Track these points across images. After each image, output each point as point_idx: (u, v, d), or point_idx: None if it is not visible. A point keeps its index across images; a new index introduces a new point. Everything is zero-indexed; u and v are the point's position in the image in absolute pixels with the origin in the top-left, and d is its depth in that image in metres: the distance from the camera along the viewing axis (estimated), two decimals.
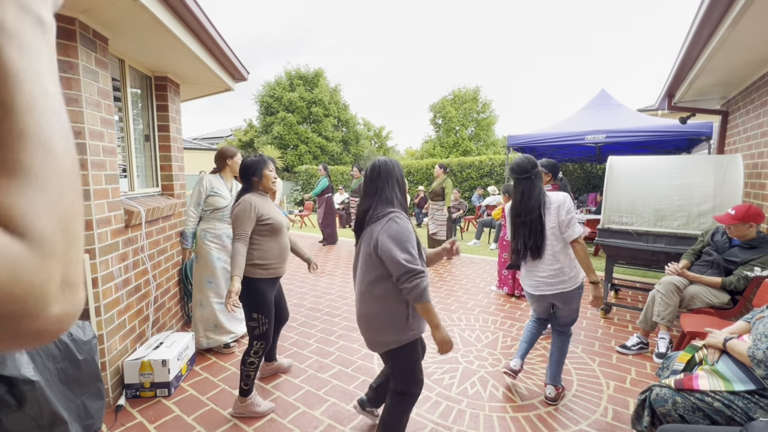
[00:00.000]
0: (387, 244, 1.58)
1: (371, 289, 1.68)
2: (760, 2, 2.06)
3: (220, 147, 3.27)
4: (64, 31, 2.07)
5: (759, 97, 3.43)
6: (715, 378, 1.65)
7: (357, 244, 1.78)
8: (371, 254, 1.65)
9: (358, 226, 1.75)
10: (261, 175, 2.30)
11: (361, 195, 1.79)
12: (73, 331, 1.94)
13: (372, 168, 1.75)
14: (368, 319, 1.72)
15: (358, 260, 1.76)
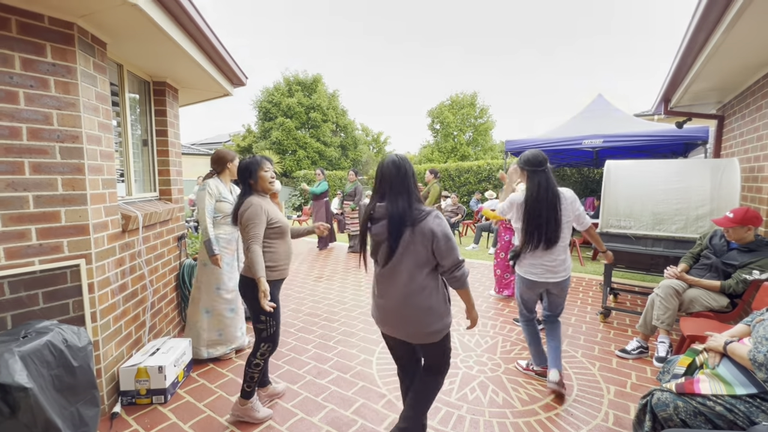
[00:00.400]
0: (443, 239, 1.68)
1: (423, 285, 1.73)
2: (754, 8, 2.08)
3: (219, 148, 3.19)
4: (62, 36, 2.07)
5: (754, 101, 3.46)
6: (716, 382, 1.64)
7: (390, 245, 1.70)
8: (427, 251, 1.69)
9: (396, 228, 1.67)
10: (256, 177, 2.27)
11: (387, 194, 1.72)
12: (68, 337, 1.91)
13: (396, 166, 1.73)
14: (419, 314, 1.74)
15: (393, 261, 1.72)
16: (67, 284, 2.14)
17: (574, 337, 3.42)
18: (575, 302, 4.39)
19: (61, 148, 2.09)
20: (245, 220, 2.13)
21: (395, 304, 1.77)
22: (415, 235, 1.67)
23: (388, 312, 1.81)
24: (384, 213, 1.72)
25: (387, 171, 1.73)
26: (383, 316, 1.85)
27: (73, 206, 2.14)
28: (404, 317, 1.77)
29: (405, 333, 1.80)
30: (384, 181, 1.74)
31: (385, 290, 1.80)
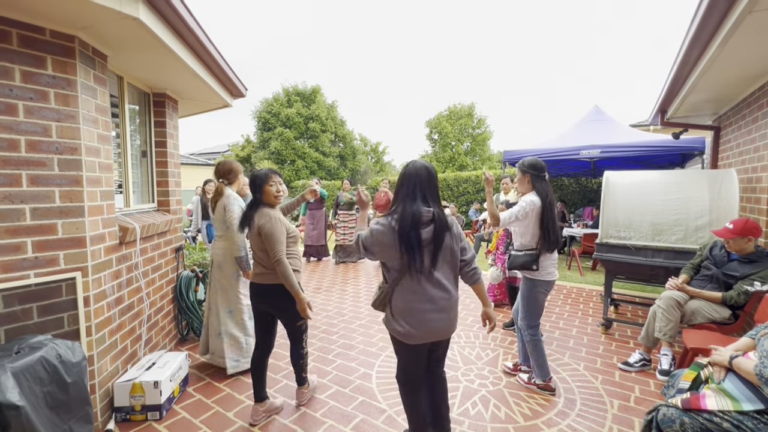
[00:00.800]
0: (465, 241, 1.92)
1: (455, 280, 1.90)
2: (747, 24, 2.11)
3: (228, 159, 3.14)
4: (63, 49, 2.07)
5: (750, 113, 3.49)
6: (722, 397, 1.61)
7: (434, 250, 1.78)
8: (457, 250, 1.85)
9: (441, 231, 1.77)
10: (262, 191, 2.36)
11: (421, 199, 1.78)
12: (62, 353, 1.88)
13: (428, 170, 1.83)
14: (456, 307, 1.89)
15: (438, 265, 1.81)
16: (62, 298, 2.10)
17: (576, 350, 3.39)
18: (576, 313, 4.36)
19: (60, 160, 2.08)
20: (268, 234, 2.23)
21: (442, 306, 1.82)
22: (452, 237, 1.82)
23: (429, 315, 1.80)
24: (430, 218, 1.76)
25: (424, 175, 1.81)
26: (433, 322, 1.80)
27: (71, 218, 2.12)
28: (451, 316, 1.86)
29: (448, 331, 1.88)
30: (421, 185, 1.79)
31: (430, 294, 1.80)
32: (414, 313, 1.79)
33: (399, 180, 1.84)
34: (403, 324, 1.81)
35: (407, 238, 1.72)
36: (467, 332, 3.81)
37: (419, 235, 1.73)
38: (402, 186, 1.82)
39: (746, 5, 1.92)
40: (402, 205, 1.78)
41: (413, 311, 1.79)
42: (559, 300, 4.88)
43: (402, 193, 1.81)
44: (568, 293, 5.21)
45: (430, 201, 1.79)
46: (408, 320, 1.80)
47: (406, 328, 1.80)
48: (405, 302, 1.81)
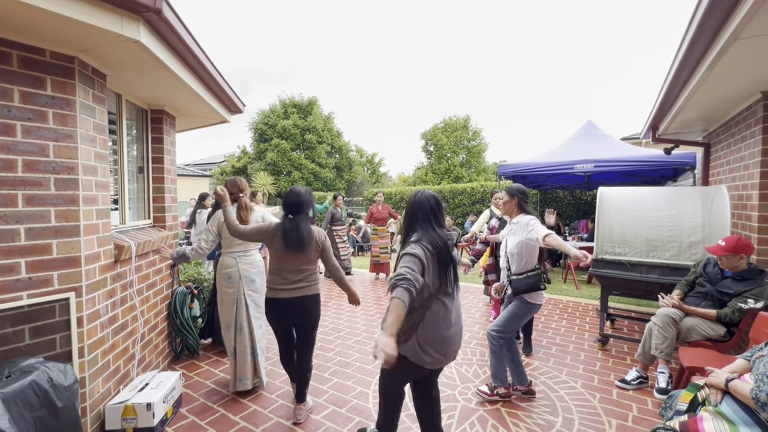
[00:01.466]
0: None
1: None
2: (733, 50, 2.17)
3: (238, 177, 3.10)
4: (62, 69, 2.09)
5: (739, 131, 3.57)
6: (719, 420, 1.62)
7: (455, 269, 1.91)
8: None
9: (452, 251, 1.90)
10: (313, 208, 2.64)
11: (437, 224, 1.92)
12: (53, 376, 1.84)
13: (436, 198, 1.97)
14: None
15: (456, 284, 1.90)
16: (55, 319, 2.07)
17: (573, 366, 3.38)
18: (572, 328, 4.36)
19: (56, 180, 2.08)
20: (328, 248, 2.60)
21: (460, 325, 1.91)
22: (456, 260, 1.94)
23: (454, 338, 1.87)
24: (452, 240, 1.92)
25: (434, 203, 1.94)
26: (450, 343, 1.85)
27: (66, 238, 2.11)
28: (459, 337, 1.92)
29: (455, 353, 1.91)
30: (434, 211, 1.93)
31: (453, 316, 1.87)
32: (444, 340, 1.83)
33: (413, 207, 1.93)
34: (432, 353, 1.80)
35: (444, 259, 1.82)
36: (464, 348, 3.79)
37: (452, 256, 1.86)
38: (417, 212, 1.92)
39: (732, 33, 1.98)
40: (424, 230, 1.87)
41: (444, 339, 1.82)
42: (555, 315, 4.88)
43: (420, 218, 1.91)
44: (564, 307, 5.22)
45: (442, 224, 1.95)
46: (439, 349, 1.81)
47: (436, 357, 1.81)
48: (435, 330, 1.80)
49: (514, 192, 2.83)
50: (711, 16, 1.99)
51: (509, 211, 2.88)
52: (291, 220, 2.46)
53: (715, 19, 2.01)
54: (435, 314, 1.80)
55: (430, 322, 1.79)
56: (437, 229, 1.88)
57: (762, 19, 1.85)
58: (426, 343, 1.79)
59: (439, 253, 1.81)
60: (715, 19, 2.01)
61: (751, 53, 2.28)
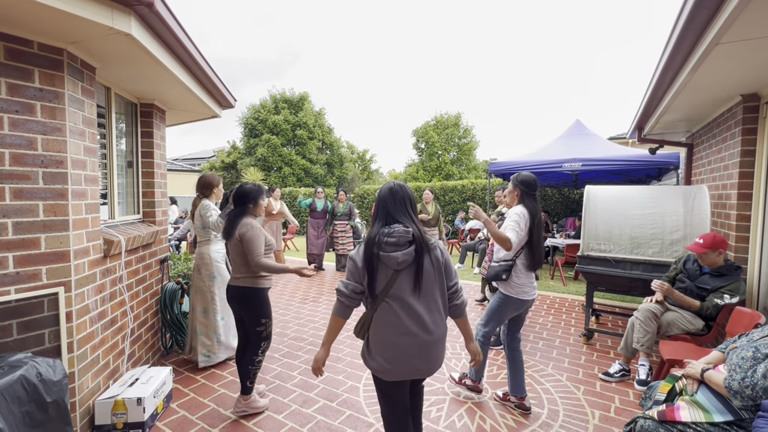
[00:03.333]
0: (449, 260, 1.72)
1: (443, 312, 1.69)
2: (715, 53, 2.25)
3: (205, 174, 3.39)
4: (51, 61, 2.06)
5: (720, 132, 3.69)
6: (695, 409, 1.69)
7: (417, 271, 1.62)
8: (442, 276, 1.68)
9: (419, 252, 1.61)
10: (257, 203, 2.60)
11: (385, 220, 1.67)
12: (42, 371, 1.84)
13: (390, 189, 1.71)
14: (443, 343, 1.69)
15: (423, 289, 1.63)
16: (43, 314, 2.06)
17: (559, 360, 3.47)
18: (559, 324, 4.46)
19: (45, 174, 2.05)
20: (248, 240, 2.44)
21: (427, 340, 1.61)
22: (434, 262, 1.65)
23: (411, 349, 1.60)
24: (410, 238, 1.61)
25: (387, 195, 1.69)
26: (404, 353, 1.60)
27: (54, 232, 2.09)
28: (433, 355, 1.64)
29: (429, 371, 1.67)
30: (386, 206, 1.68)
31: (414, 323, 1.60)
32: (395, 347, 1.60)
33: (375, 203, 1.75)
34: (378, 359, 1.63)
35: (368, 261, 1.62)
36: (453, 344, 3.85)
37: (378, 256, 1.61)
38: (374, 211, 1.75)
39: (713, 38, 2.05)
40: (371, 228, 1.70)
41: (393, 345, 1.61)
42: (542, 310, 4.98)
43: (373, 217, 1.74)
44: (551, 303, 5.33)
45: (404, 220, 1.65)
46: (386, 356, 1.61)
47: (381, 363, 1.62)
48: (381, 335, 1.63)
49: (517, 183, 2.66)
50: (694, 20, 2.06)
51: (512, 201, 2.72)
52: (230, 211, 2.62)
53: (699, 23, 2.07)
54: (381, 317, 1.63)
55: (377, 324, 1.64)
56: (379, 227, 1.65)
57: (741, 25, 1.93)
58: (374, 347, 1.65)
59: (365, 254, 1.62)
60: (699, 23, 2.07)
61: (732, 57, 2.36)
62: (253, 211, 2.59)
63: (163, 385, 2.61)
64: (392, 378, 1.64)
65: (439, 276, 1.67)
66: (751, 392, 1.55)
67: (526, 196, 2.62)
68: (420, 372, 1.66)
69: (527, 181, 2.63)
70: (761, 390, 1.52)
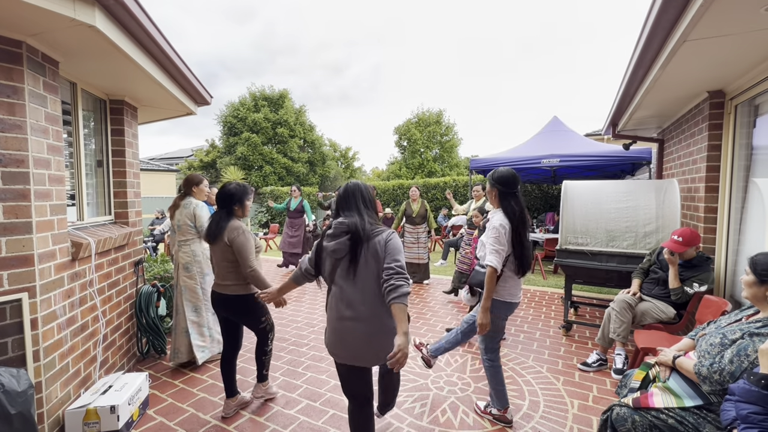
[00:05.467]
0: (393, 244, 1.73)
1: (382, 301, 1.70)
2: (683, 50, 2.33)
3: (190, 174, 3.36)
4: (8, 54, 1.94)
5: (688, 128, 3.82)
6: (667, 395, 1.75)
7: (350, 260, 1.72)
8: (379, 265, 1.71)
9: (354, 242, 1.72)
10: (244, 204, 2.51)
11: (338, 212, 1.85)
12: (5, 382, 1.74)
13: (344, 188, 1.90)
14: (384, 332, 1.72)
15: (356, 276, 1.72)
16: (6, 321, 1.95)
17: (539, 352, 3.54)
18: (539, 317, 4.55)
19: (4, 173, 1.94)
20: (240, 247, 2.35)
21: (360, 323, 1.70)
22: (369, 252, 1.72)
23: (347, 336, 1.72)
24: (344, 229, 1.75)
25: (341, 193, 1.88)
26: (341, 338, 1.74)
27: (16, 235, 1.98)
28: (371, 337, 1.71)
29: (367, 354, 1.74)
30: (339, 203, 1.87)
31: (347, 309, 1.72)
32: (334, 331, 1.77)
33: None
34: (327, 338, 1.83)
35: (317, 248, 1.87)
36: (437, 338, 3.87)
37: (325, 247, 1.80)
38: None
39: (681, 35, 2.12)
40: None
41: (333, 329, 1.78)
42: (523, 304, 5.07)
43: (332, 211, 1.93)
44: (531, 297, 5.43)
45: (349, 214, 1.79)
46: (329, 336, 1.81)
47: (328, 343, 1.82)
48: (328, 317, 1.82)
49: (494, 182, 2.35)
50: (663, 17, 2.12)
51: (493, 204, 2.43)
52: (216, 213, 2.49)
53: (667, 20, 2.13)
54: (330, 300, 1.83)
55: (328, 307, 1.84)
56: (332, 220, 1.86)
57: (707, 23, 1.99)
58: (327, 327, 1.85)
59: (317, 243, 1.87)
60: (667, 20, 2.13)
61: (699, 54, 2.44)
62: (239, 213, 2.50)
63: (139, 391, 2.53)
64: (338, 360, 1.80)
65: (377, 264, 1.71)
66: (718, 377, 1.61)
67: (505, 196, 2.31)
68: (359, 358, 1.75)
69: (505, 179, 2.30)
70: (728, 375, 1.58)
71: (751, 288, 1.74)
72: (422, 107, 23.85)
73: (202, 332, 3.26)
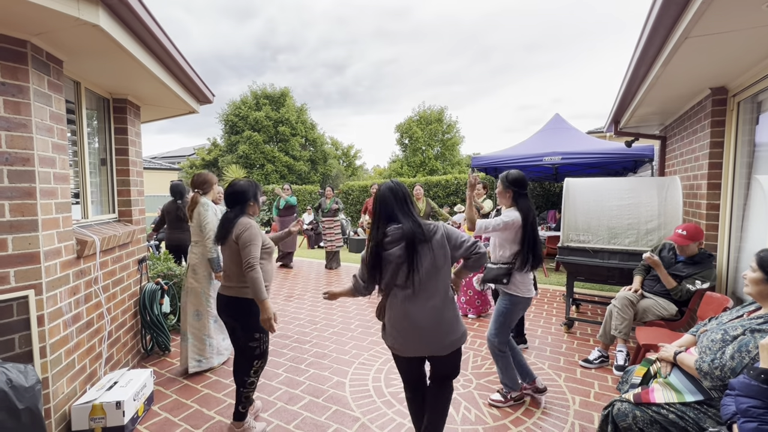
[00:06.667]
0: (453, 232, 1.85)
1: (448, 293, 1.87)
2: (685, 47, 2.32)
3: (206, 173, 3.25)
4: (13, 54, 1.96)
5: (691, 125, 3.82)
6: (668, 390, 1.76)
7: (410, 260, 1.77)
8: (447, 259, 1.82)
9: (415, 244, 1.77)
10: (256, 200, 2.38)
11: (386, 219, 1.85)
12: (13, 377, 1.77)
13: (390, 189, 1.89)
14: (449, 322, 1.85)
15: (420, 276, 1.77)
16: (13, 318, 1.97)
17: (541, 349, 3.55)
18: (541, 314, 4.56)
19: (10, 172, 1.96)
20: (245, 241, 2.17)
21: (430, 321, 1.81)
22: (433, 248, 1.79)
23: (421, 332, 1.82)
24: (400, 235, 1.78)
25: (388, 195, 1.86)
26: (413, 337, 1.83)
27: (22, 233, 2.00)
28: (439, 332, 1.83)
29: (438, 347, 1.85)
30: (386, 205, 1.85)
31: (417, 311, 1.81)
32: (399, 330, 1.86)
33: (374, 204, 1.91)
34: (389, 338, 1.92)
35: (374, 258, 1.83)
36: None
37: (384, 256, 1.81)
38: (374, 211, 1.91)
39: (683, 31, 2.12)
40: (374, 228, 1.88)
41: (397, 329, 1.86)
42: None
43: (374, 217, 1.90)
44: None
45: (401, 217, 1.82)
46: (395, 335, 1.88)
47: (391, 342, 1.91)
48: (392, 319, 1.88)
49: (508, 184, 2.56)
50: (665, 15, 2.12)
51: (506, 204, 2.65)
52: (226, 212, 2.35)
53: (669, 17, 2.13)
54: (390, 304, 1.89)
55: (388, 309, 1.90)
56: (381, 227, 1.84)
57: (709, 20, 1.99)
58: (388, 328, 1.91)
59: (372, 253, 1.83)
60: (669, 17, 2.13)
61: (701, 51, 2.44)
62: (252, 210, 2.36)
63: (144, 387, 2.55)
64: (403, 354, 1.91)
65: (445, 260, 1.82)
66: (719, 373, 1.61)
67: (519, 196, 2.54)
68: (427, 349, 1.87)
69: (519, 181, 2.54)
70: (729, 370, 1.59)
71: (758, 285, 1.74)
72: (424, 105, 23.77)
73: (202, 340, 3.11)
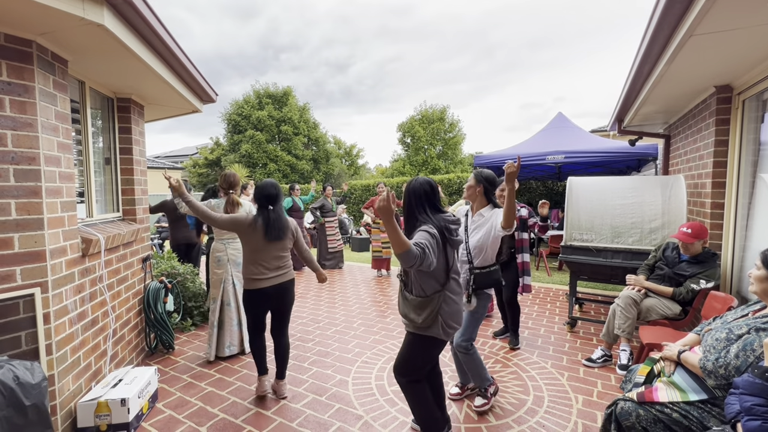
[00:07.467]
0: None
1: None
2: (689, 45, 2.31)
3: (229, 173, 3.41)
4: (19, 53, 1.98)
5: (695, 123, 3.79)
6: (672, 389, 1.76)
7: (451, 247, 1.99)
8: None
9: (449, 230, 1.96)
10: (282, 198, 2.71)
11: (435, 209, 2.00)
12: (19, 374, 1.78)
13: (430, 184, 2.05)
14: None
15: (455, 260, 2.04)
16: (19, 315, 1.99)
17: (543, 348, 3.54)
18: (544, 313, 4.55)
19: (16, 171, 1.98)
20: (299, 235, 2.82)
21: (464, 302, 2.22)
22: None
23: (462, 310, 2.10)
24: (455, 219, 2.01)
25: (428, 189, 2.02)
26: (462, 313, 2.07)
27: (28, 232, 2.02)
28: None
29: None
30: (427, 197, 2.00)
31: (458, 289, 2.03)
32: (459, 312, 2.02)
33: (411, 194, 1.98)
34: (454, 326, 2.00)
35: (444, 241, 1.93)
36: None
37: (449, 240, 1.94)
38: (416, 199, 1.97)
39: (688, 29, 2.11)
40: (421, 217, 1.95)
41: (459, 312, 2.01)
42: (528, 300, 5.07)
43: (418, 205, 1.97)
44: (536, 293, 5.43)
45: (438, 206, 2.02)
46: (457, 320, 2.01)
47: (456, 328, 2.02)
48: (453, 305, 1.98)
49: (480, 179, 2.54)
50: (669, 13, 2.11)
51: (471, 197, 2.58)
52: (272, 211, 2.62)
53: (674, 15, 2.12)
54: (451, 290, 1.97)
55: (449, 300, 1.96)
56: (433, 214, 1.96)
57: (713, 17, 1.98)
58: (450, 319, 1.97)
59: (441, 235, 1.91)
60: (674, 15, 2.12)
61: (705, 49, 2.42)
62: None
63: (148, 385, 2.57)
64: (448, 338, 2.00)
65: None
66: (724, 372, 1.61)
67: (490, 193, 2.56)
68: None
69: (492, 179, 2.57)
70: (733, 369, 1.58)
71: (763, 283, 1.73)
72: (426, 104, 23.72)
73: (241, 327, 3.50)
